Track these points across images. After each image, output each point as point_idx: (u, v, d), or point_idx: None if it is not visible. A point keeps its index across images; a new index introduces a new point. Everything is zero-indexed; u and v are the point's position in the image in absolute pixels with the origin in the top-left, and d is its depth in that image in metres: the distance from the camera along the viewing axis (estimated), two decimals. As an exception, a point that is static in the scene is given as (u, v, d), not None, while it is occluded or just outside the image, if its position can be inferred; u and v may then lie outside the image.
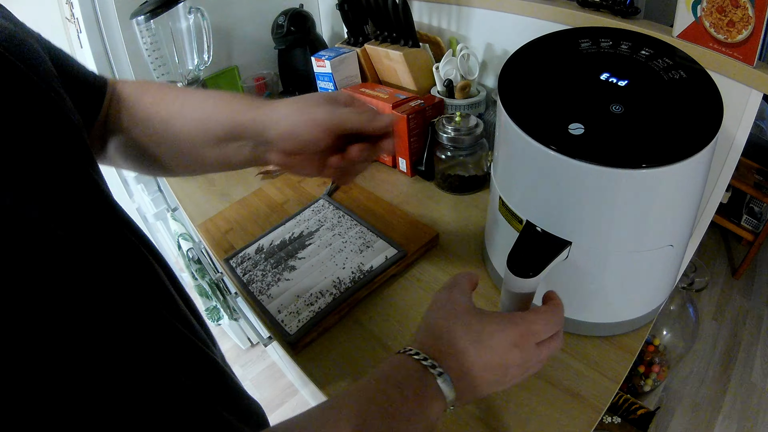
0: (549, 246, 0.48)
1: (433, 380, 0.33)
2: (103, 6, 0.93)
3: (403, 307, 0.69)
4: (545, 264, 0.46)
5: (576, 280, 0.53)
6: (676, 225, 0.48)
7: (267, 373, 1.69)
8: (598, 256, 0.50)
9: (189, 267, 1.10)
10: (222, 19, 1.11)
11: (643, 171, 0.41)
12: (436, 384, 0.33)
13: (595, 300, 0.57)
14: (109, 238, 0.32)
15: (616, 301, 0.57)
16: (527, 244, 0.48)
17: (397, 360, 0.34)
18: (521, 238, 0.49)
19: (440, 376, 0.33)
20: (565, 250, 0.48)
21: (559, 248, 0.48)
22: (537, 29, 0.59)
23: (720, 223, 1.98)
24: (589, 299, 0.57)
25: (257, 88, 1.20)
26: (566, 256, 0.49)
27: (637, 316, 0.59)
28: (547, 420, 0.54)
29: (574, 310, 0.57)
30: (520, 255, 0.46)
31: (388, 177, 0.97)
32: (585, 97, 0.46)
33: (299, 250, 0.76)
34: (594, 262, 0.51)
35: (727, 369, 1.58)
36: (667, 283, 0.59)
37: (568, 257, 0.49)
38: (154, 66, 0.96)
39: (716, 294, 1.86)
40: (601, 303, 0.57)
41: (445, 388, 0.33)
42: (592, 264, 0.51)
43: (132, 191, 1.24)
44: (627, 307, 0.58)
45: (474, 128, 0.82)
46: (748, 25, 0.57)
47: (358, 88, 1.00)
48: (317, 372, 0.62)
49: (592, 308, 0.58)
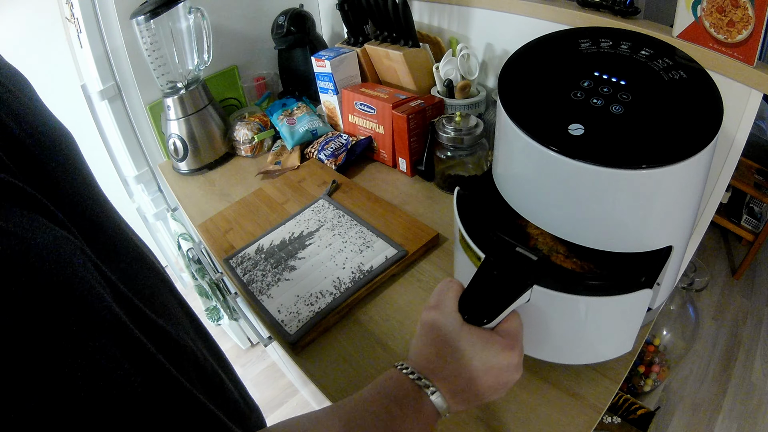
0: (507, 289, 0.44)
1: (428, 398, 0.36)
2: (103, 6, 0.93)
3: (403, 307, 0.69)
4: (501, 309, 0.42)
5: (542, 323, 0.50)
6: (676, 225, 0.48)
7: (267, 373, 1.69)
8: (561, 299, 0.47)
9: (189, 267, 1.10)
10: (222, 19, 1.11)
11: (643, 171, 0.41)
12: (431, 401, 0.36)
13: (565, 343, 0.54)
14: None
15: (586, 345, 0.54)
16: (482, 287, 0.44)
17: (394, 376, 0.37)
18: (476, 279, 0.45)
19: (433, 394, 0.36)
20: (526, 292, 0.44)
21: (518, 291, 0.44)
22: (537, 29, 0.59)
23: (720, 223, 1.98)
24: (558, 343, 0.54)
25: (257, 88, 1.20)
26: (528, 298, 0.45)
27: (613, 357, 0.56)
28: (547, 420, 0.54)
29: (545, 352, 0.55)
30: (474, 299, 0.42)
31: (388, 177, 0.97)
32: (585, 97, 0.46)
33: (299, 250, 0.76)
34: (558, 305, 0.47)
35: (727, 369, 1.58)
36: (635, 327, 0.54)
37: (530, 300, 0.46)
38: (154, 66, 0.96)
39: (716, 294, 1.86)
40: (571, 346, 0.54)
41: (440, 404, 0.36)
42: (556, 307, 0.48)
43: (132, 191, 1.24)
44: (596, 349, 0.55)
45: (474, 128, 0.82)
46: (748, 25, 0.57)
47: (358, 88, 1.00)
48: (317, 372, 0.62)
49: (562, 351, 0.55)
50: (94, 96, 1.03)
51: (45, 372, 0.20)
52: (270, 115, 1.09)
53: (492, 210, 0.61)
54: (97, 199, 0.36)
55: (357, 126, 1.02)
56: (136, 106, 1.07)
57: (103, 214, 0.36)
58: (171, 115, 1.01)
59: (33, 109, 0.32)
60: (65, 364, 0.21)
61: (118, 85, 1.03)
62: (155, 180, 1.20)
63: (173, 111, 1.00)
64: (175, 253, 1.23)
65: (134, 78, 1.03)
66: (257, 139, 1.07)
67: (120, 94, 1.04)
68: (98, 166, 1.10)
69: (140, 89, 1.05)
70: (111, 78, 1.02)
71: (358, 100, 0.98)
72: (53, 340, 0.21)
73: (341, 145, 1.00)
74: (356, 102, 0.99)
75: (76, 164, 0.34)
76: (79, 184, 0.34)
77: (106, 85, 1.01)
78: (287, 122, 1.06)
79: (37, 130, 0.30)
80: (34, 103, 0.33)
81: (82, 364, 0.21)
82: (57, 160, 0.31)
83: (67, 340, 0.21)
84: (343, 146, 0.99)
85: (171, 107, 1.00)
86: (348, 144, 0.99)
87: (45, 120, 0.33)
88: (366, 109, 0.97)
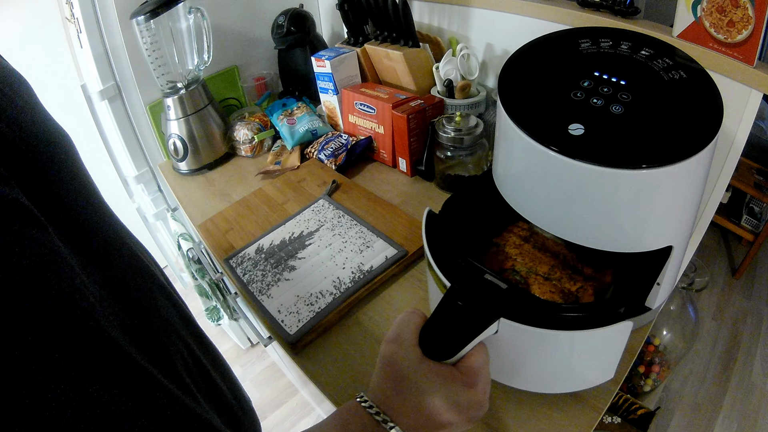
0: (471, 321, 0.41)
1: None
2: (103, 6, 0.93)
3: (403, 307, 0.69)
4: (463, 344, 0.39)
5: (513, 353, 0.48)
6: (676, 225, 0.48)
7: (267, 373, 1.69)
8: (531, 333, 0.44)
9: (189, 267, 1.10)
10: (222, 19, 1.11)
11: (643, 171, 0.41)
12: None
13: (539, 374, 0.52)
14: None
15: (562, 376, 0.51)
16: (445, 319, 0.41)
17: (353, 408, 0.36)
18: (439, 310, 0.42)
19: (392, 429, 0.35)
20: (492, 325, 0.42)
21: (483, 324, 0.41)
22: (537, 29, 0.59)
23: (720, 223, 1.98)
24: (532, 373, 0.51)
25: (257, 88, 1.20)
26: (495, 330, 0.43)
27: (593, 386, 0.54)
28: (547, 420, 0.54)
29: (519, 381, 0.53)
30: (435, 332, 0.40)
31: (388, 177, 0.97)
32: (585, 97, 0.46)
33: (299, 250, 0.76)
34: (528, 338, 0.45)
35: (727, 369, 1.58)
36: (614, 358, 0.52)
37: (498, 332, 0.43)
38: (154, 66, 0.96)
39: (716, 294, 1.86)
40: (546, 377, 0.52)
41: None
42: (526, 340, 0.45)
43: (132, 191, 1.24)
44: (574, 379, 0.52)
45: (474, 128, 0.82)
46: (748, 25, 0.57)
47: (358, 88, 1.00)
48: (317, 372, 0.62)
49: (537, 381, 0.53)
50: (94, 96, 1.03)
51: (26, 399, 0.19)
52: (270, 115, 1.09)
53: (468, 228, 0.60)
54: (93, 204, 0.35)
55: (357, 126, 1.02)
56: (136, 106, 1.07)
57: (99, 219, 0.36)
58: (171, 115, 1.01)
59: (28, 112, 0.31)
60: (47, 390, 0.20)
61: (118, 85, 1.03)
62: (155, 180, 1.20)
63: (173, 111, 1.00)
64: (175, 253, 1.23)
65: (134, 78, 1.03)
66: (257, 139, 1.07)
67: (120, 94, 1.04)
68: (98, 166, 1.10)
69: (140, 89, 1.05)
70: (111, 78, 1.02)
71: (358, 100, 0.98)
72: (35, 369, 0.20)
73: (341, 145, 1.00)
74: (356, 102, 0.99)
75: (72, 168, 0.34)
76: (75, 189, 0.33)
77: (106, 85, 1.01)
78: (287, 122, 1.06)
79: (32, 134, 0.30)
80: (31, 106, 0.32)
81: (64, 393, 0.21)
82: (51, 165, 0.31)
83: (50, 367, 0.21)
84: (343, 146, 0.99)
85: (171, 107, 1.00)
86: (348, 144, 0.99)
87: (41, 123, 0.32)
88: (366, 109, 0.97)
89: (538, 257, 0.60)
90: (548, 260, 0.60)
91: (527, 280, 0.58)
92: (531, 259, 0.60)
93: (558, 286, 0.56)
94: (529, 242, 0.63)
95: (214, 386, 0.41)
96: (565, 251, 0.62)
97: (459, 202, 0.62)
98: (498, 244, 0.63)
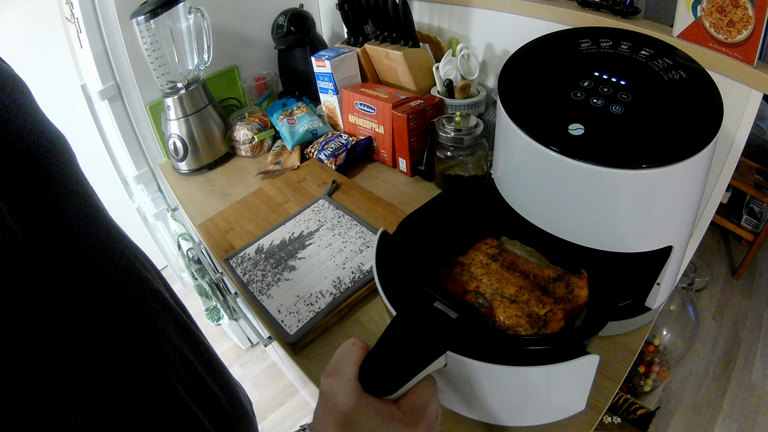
0: (416, 354, 0.37)
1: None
2: (103, 6, 0.93)
3: (403, 307, 0.68)
4: (406, 379, 0.36)
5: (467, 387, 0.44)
6: (676, 225, 0.48)
7: (267, 373, 1.69)
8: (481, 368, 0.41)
9: (189, 267, 1.10)
10: (222, 19, 1.11)
11: (643, 171, 0.41)
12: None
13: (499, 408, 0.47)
14: None
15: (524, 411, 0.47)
16: (388, 350, 0.38)
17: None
18: (383, 340, 0.38)
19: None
20: (439, 358, 0.38)
21: (429, 357, 0.37)
22: (537, 29, 0.59)
23: (720, 223, 1.98)
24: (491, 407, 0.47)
25: (257, 88, 1.20)
26: (444, 363, 0.40)
27: (562, 419, 0.49)
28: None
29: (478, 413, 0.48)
30: (376, 366, 0.36)
31: (388, 177, 0.97)
32: (585, 97, 0.46)
33: (299, 250, 0.76)
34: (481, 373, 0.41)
35: (727, 369, 1.58)
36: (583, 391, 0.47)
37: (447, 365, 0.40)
38: (154, 66, 0.96)
39: (716, 294, 1.86)
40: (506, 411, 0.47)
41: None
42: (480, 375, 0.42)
43: (132, 191, 1.24)
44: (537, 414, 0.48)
45: (474, 128, 0.82)
46: (748, 25, 0.57)
47: (358, 88, 1.01)
48: (317, 372, 0.62)
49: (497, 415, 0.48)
50: (94, 96, 1.03)
51: None
52: (270, 115, 1.09)
53: (429, 247, 0.57)
54: (88, 208, 0.35)
55: (357, 126, 1.02)
56: (136, 106, 1.07)
57: (94, 223, 0.35)
58: (171, 115, 1.01)
59: (23, 114, 0.31)
60: None
61: (118, 85, 1.03)
62: (155, 180, 1.20)
63: (173, 111, 1.00)
64: (175, 253, 1.23)
65: (134, 78, 1.03)
66: (257, 139, 1.07)
67: (120, 94, 1.04)
68: (98, 166, 1.10)
69: (140, 89, 1.05)
70: (111, 78, 1.02)
71: (358, 100, 0.98)
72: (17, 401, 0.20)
73: (341, 145, 1.00)
74: (356, 102, 0.99)
75: (67, 172, 0.33)
76: (69, 194, 0.33)
77: (106, 85, 1.01)
78: (287, 122, 1.06)
79: (25, 138, 0.29)
80: (26, 108, 0.32)
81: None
82: (45, 169, 0.30)
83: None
84: (343, 146, 0.99)
85: (171, 107, 1.00)
86: (348, 144, 0.99)
87: (36, 126, 0.32)
88: (366, 109, 0.97)
89: (505, 277, 0.56)
90: (516, 281, 0.55)
91: (492, 303, 0.53)
92: (497, 280, 0.55)
93: (525, 310, 0.52)
94: (497, 261, 0.59)
95: (207, 392, 0.40)
96: (535, 269, 0.58)
97: (420, 219, 0.58)
98: (463, 263, 0.59)
